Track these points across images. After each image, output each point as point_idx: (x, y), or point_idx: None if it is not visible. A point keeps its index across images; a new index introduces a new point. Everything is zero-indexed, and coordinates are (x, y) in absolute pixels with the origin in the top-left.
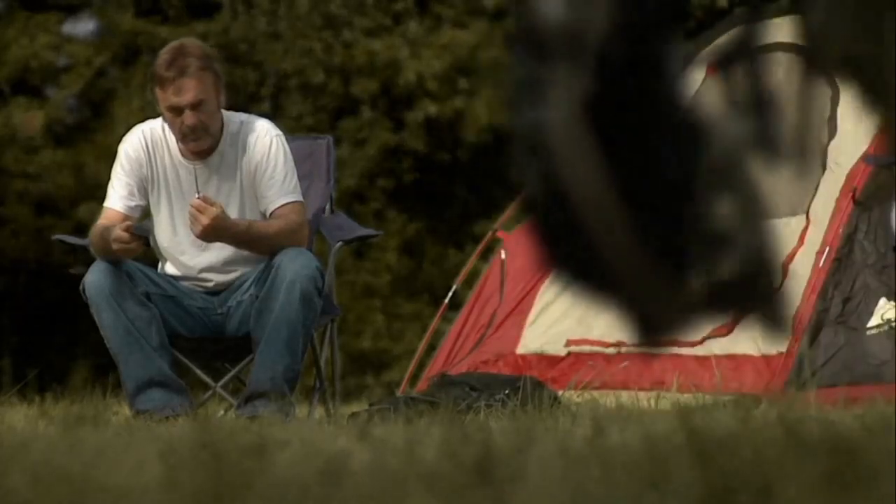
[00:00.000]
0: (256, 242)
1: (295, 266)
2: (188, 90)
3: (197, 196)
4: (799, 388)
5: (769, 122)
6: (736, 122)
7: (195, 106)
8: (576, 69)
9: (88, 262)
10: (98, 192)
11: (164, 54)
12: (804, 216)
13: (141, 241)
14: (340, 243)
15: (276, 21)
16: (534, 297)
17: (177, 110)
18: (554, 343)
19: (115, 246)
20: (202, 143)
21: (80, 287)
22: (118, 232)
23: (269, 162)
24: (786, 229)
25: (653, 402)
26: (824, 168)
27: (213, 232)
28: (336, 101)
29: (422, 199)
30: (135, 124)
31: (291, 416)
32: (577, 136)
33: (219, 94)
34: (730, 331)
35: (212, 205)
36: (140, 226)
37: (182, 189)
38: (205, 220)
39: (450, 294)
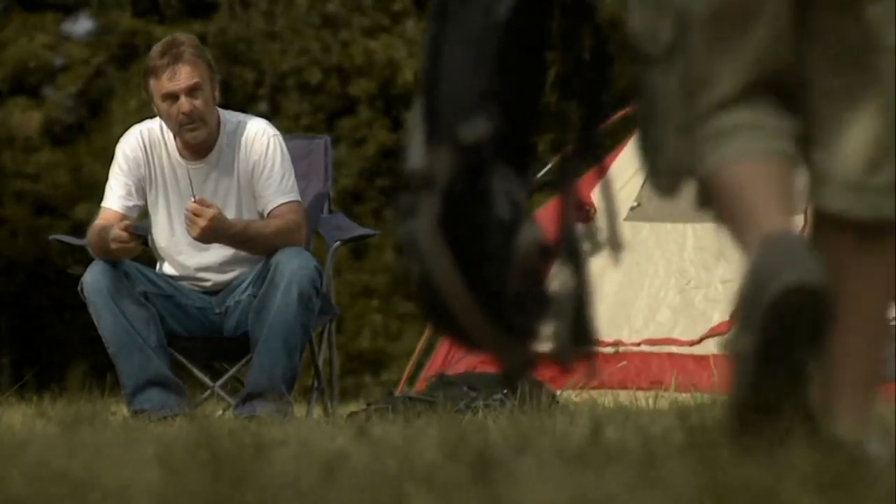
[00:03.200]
0: (254, 242)
1: (293, 266)
2: (183, 75)
3: (193, 199)
4: None
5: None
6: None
7: (191, 91)
8: (431, 199)
9: (86, 262)
10: (96, 191)
11: (156, 47)
12: (802, 216)
13: (139, 241)
14: (338, 243)
15: (273, 21)
16: None
17: (172, 97)
18: None
19: (113, 245)
20: (199, 133)
21: (79, 287)
22: (117, 231)
23: (266, 161)
24: None
25: (651, 401)
26: None
27: (211, 233)
28: (334, 100)
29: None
30: (132, 124)
31: (289, 416)
32: (434, 243)
33: (213, 86)
34: (728, 330)
35: (208, 206)
36: (138, 225)
37: (180, 189)
38: (203, 221)
39: None
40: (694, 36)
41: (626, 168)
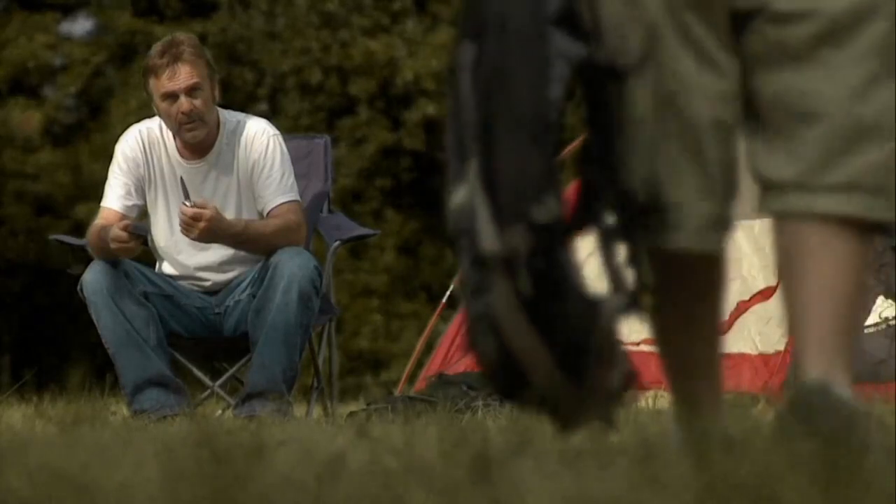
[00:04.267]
0: (253, 242)
1: (292, 266)
2: (183, 74)
3: (184, 203)
4: None
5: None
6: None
7: (190, 90)
8: (510, 276)
9: (86, 262)
10: (96, 191)
11: (156, 46)
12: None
13: (139, 241)
14: (338, 243)
15: (273, 21)
16: None
17: (172, 97)
18: None
19: (113, 245)
20: (198, 133)
21: (78, 287)
22: (116, 231)
23: (266, 161)
24: None
25: (650, 401)
26: None
27: (210, 233)
28: (334, 100)
29: (419, 199)
30: (132, 124)
31: (289, 416)
32: (516, 319)
33: (213, 86)
34: (727, 329)
35: (205, 207)
36: (138, 225)
37: (179, 189)
38: (201, 223)
39: (447, 293)
40: (664, 48)
41: None
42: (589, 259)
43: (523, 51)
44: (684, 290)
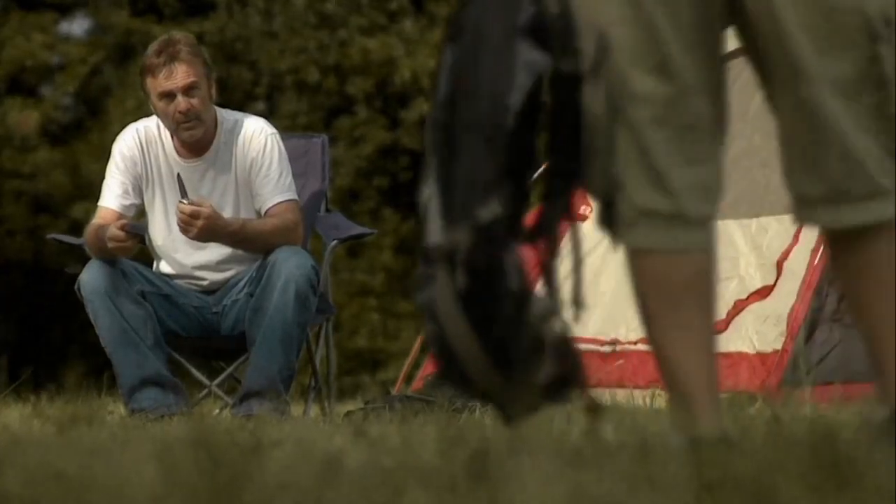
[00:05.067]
0: (251, 241)
1: (290, 265)
2: (179, 73)
3: (181, 200)
4: (794, 385)
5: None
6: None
7: (187, 90)
8: (450, 271)
9: (83, 261)
10: (93, 191)
11: (153, 45)
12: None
13: (136, 240)
14: (335, 242)
15: (271, 20)
16: None
17: (169, 96)
18: None
19: (110, 244)
20: (196, 131)
21: (76, 286)
22: (114, 230)
23: (263, 160)
24: (781, 227)
25: (648, 400)
26: None
27: (207, 232)
28: (331, 99)
29: (417, 198)
30: (130, 123)
31: (287, 415)
32: (453, 311)
33: (210, 85)
34: (725, 328)
35: (202, 205)
36: (135, 224)
37: (176, 188)
38: (200, 222)
39: None
40: (614, 58)
41: None
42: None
43: (491, 58)
44: (670, 290)
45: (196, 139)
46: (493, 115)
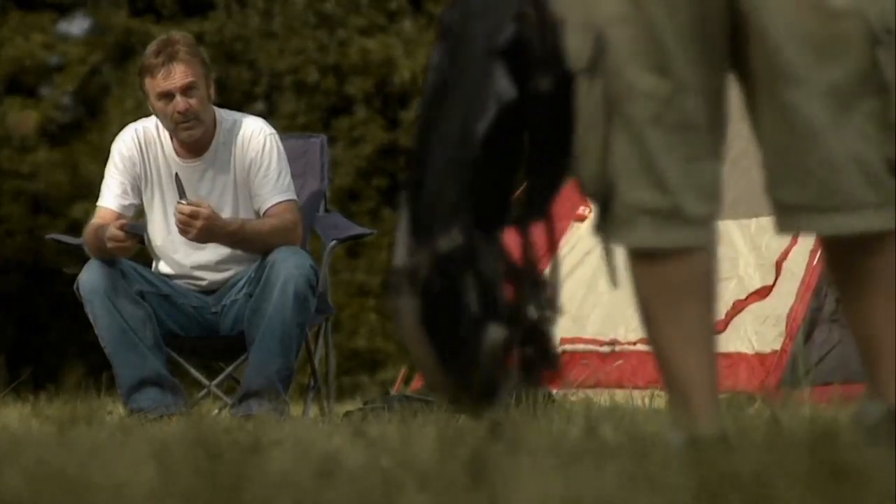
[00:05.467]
0: (250, 241)
1: (289, 265)
2: (178, 73)
3: (179, 201)
4: (793, 386)
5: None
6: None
7: (186, 90)
8: (412, 294)
9: (83, 261)
10: (92, 191)
11: (151, 46)
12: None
13: (135, 240)
14: (335, 242)
15: (270, 20)
16: None
17: (167, 96)
18: None
19: (109, 244)
20: (195, 131)
21: (75, 286)
22: (113, 231)
23: (262, 160)
24: None
25: (647, 400)
26: None
27: (207, 232)
28: (330, 99)
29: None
30: (129, 123)
31: (286, 415)
32: (413, 329)
33: (208, 85)
34: (723, 329)
35: (200, 206)
36: (134, 224)
37: (175, 188)
38: (199, 222)
39: None
40: (612, 56)
41: None
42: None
43: (469, 78)
44: (670, 290)
45: (195, 139)
46: (461, 140)
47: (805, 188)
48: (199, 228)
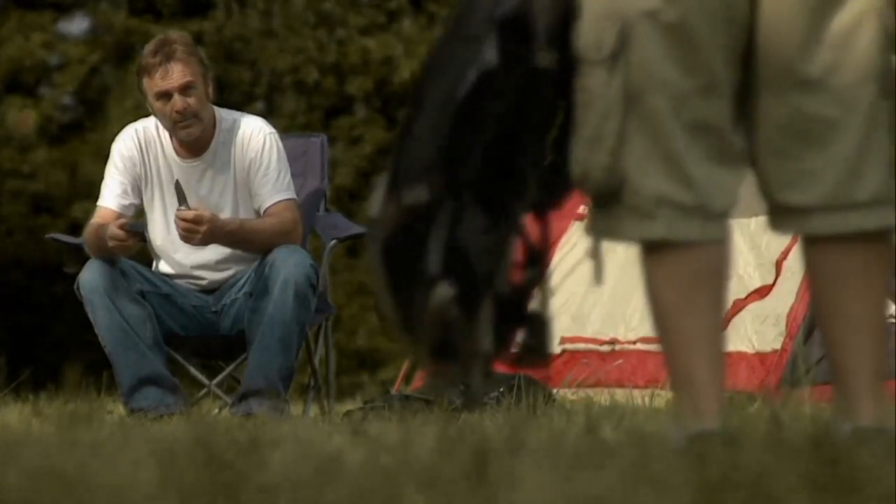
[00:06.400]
0: (249, 241)
1: (289, 264)
2: (176, 73)
3: (179, 208)
4: (793, 385)
5: None
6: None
7: (184, 89)
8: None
9: (82, 261)
10: (92, 190)
11: (149, 46)
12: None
13: (137, 238)
14: (335, 241)
15: (270, 19)
16: None
17: (166, 96)
18: None
19: (111, 243)
20: (193, 130)
21: (75, 285)
22: (114, 230)
23: (262, 160)
24: None
25: (647, 399)
26: None
27: (210, 235)
28: (330, 99)
29: None
30: (129, 123)
31: (286, 414)
32: (378, 275)
33: (207, 84)
34: (724, 328)
35: (200, 211)
36: (135, 223)
37: (175, 190)
38: (203, 227)
39: None
40: (640, 43)
41: None
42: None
43: (460, 45)
44: (684, 283)
45: (194, 138)
46: (442, 104)
47: (813, 188)
48: (204, 234)
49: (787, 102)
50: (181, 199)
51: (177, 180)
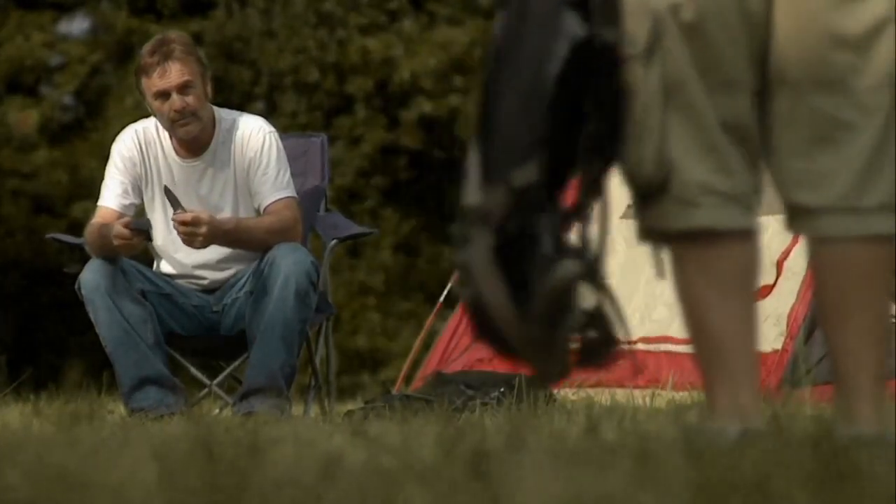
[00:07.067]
0: (247, 239)
1: (289, 261)
2: (174, 72)
3: (176, 211)
4: (794, 385)
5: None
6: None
7: (182, 88)
8: (485, 232)
9: (83, 261)
10: (93, 190)
11: (147, 46)
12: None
13: (142, 237)
14: (335, 241)
15: (270, 19)
16: None
17: (164, 95)
18: None
19: (116, 242)
20: (192, 128)
21: (76, 285)
22: (119, 228)
23: (262, 158)
24: (781, 226)
25: (648, 399)
26: None
27: (210, 237)
28: (331, 99)
29: (417, 198)
30: (129, 122)
31: (288, 412)
32: (487, 270)
33: (205, 83)
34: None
35: (197, 215)
36: (139, 221)
37: (176, 188)
38: (203, 229)
39: (445, 292)
40: (670, 41)
41: None
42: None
43: (535, 27)
44: (721, 273)
45: (193, 136)
46: (532, 83)
47: (826, 190)
48: (205, 235)
49: (806, 103)
50: (174, 203)
51: (165, 186)
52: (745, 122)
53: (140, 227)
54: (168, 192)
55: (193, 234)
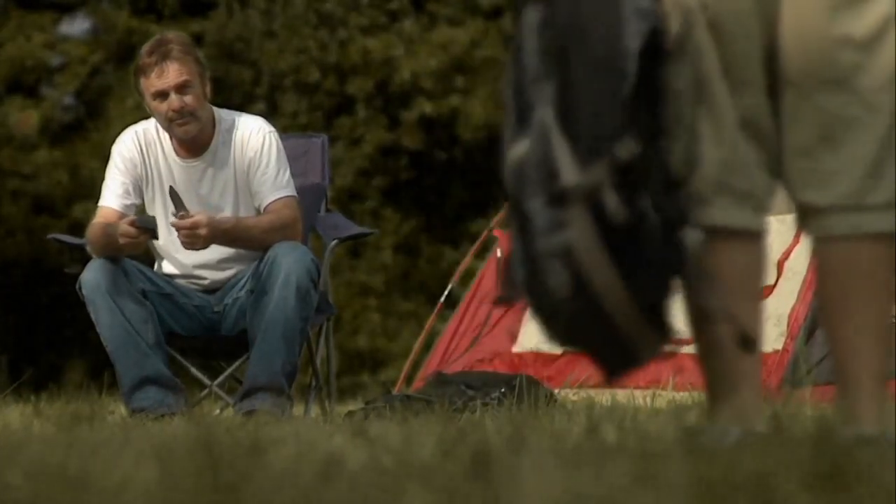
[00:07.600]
0: (245, 238)
1: (289, 260)
2: (172, 72)
3: (177, 214)
4: (794, 385)
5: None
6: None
7: (180, 88)
8: (588, 213)
9: (83, 261)
10: (93, 190)
11: (145, 46)
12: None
13: (147, 235)
14: (336, 241)
15: (271, 19)
16: None
17: (162, 95)
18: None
19: (122, 240)
20: (191, 128)
21: (77, 285)
22: (125, 227)
23: (262, 158)
24: (782, 226)
25: (648, 400)
26: None
27: (210, 238)
28: (331, 99)
29: (417, 198)
30: (130, 123)
31: (289, 412)
32: (594, 251)
33: (204, 83)
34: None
35: (195, 217)
36: (143, 218)
37: (176, 188)
38: (203, 231)
39: (445, 292)
40: (700, 36)
41: None
42: None
43: (598, 8)
44: (731, 275)
45: (191, 136)
46: (611, 60)
47: (831, 189)
48: (205, 237)
49: (812, 102)
50: (177, 204)
51: (170, 186)
52: (761, 120)
53: (146, 225)
54: (173, 193)
55: (194, 237)
